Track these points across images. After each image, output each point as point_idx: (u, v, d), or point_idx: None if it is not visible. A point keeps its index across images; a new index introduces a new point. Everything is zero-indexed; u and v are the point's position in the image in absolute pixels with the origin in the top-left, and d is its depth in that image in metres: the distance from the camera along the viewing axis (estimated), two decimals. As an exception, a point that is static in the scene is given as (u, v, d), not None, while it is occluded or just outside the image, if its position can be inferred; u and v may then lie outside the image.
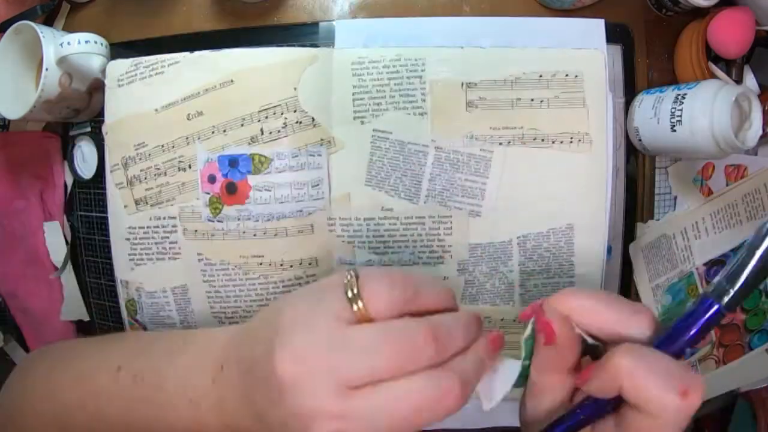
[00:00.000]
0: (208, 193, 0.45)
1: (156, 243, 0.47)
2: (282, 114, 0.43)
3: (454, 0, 0.46)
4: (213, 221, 0.45)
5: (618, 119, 0.46)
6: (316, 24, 0.47)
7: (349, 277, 0.24)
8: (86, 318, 0.56)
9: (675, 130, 0.41)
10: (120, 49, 0.48)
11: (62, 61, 0.44)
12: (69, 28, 0.51)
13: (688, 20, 0.46)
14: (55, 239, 0.54)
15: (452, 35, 0.45)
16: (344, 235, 0.45)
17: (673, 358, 0.23)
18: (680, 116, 0.40)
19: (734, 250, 0.49)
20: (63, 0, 0.51)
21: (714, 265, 0.49)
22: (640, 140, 0.45)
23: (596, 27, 0.45)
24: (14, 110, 0.45)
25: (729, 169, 0.48)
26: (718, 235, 0.49)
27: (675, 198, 0.48)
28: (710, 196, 0.48)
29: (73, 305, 0.55)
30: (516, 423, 0.52)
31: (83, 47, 0.44)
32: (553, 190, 0.44)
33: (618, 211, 0.48)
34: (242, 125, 0.44)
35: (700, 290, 0.50)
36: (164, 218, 0.46)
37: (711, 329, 0.25)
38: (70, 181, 0.54)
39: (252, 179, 0.44)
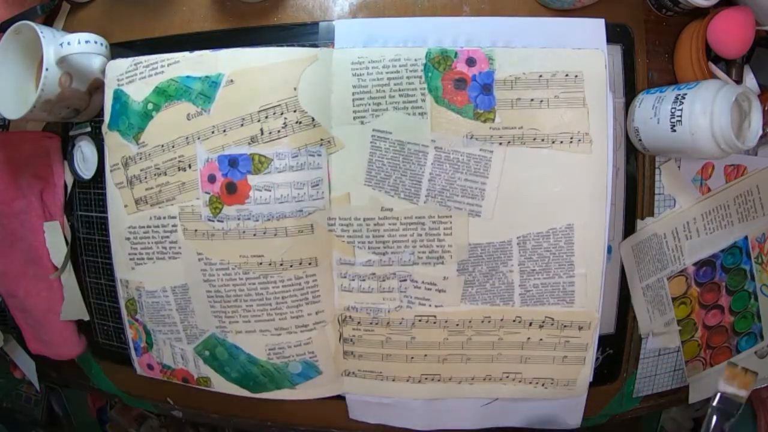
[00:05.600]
0: (208, 193, 0.45)
1: (156, 242, 0.47)
2: (282, 114, 0.43)
3: (454, 0, 0.46)
4: (213, 221, 0.45)
5: (618, 119, 0.46)
6: (316, 24, 0.47)
7: None
8: (86, 318, 0.56)
9: (675, 130, 0.41)
10: (120, 49, 0.48)
11: (62, 61, 0.44)
12: (69, 28, 0.51)
13: (688, 20, 0.46)
14: (55, 239, 0.54)
15: (452, 35, 0.45)
16: (344, 235, 0.45)
17: None
18: (680, 116, 0.40)
19: (724, 251, 0.49)
20: (63, 0, 0.51)
21: (704, 265, 0.49)
22: (640, 140, 0.45)
23: (596, 27, 0.45)
24: (14, 110, 0.45)
25: (728, 169, 0.48)
26: (710, 236, 0.49)
27: (674, 198, 0.48)
28: (702, 197, 0.48)
29: (73, 305, 0.55)
30: (514, 424, 0.53)
31: (83, 47, 0.44)
32: (552, 190, 0.44)
33: (618, 210, 0.48)
34: (242, 125, 0.44)
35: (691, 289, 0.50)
36: (164, 218, 0.46)
37: None
38: (70, 181, 0.54)
39: (252, 179, 0.44)
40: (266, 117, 0.43)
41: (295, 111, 0.43)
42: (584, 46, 0.44)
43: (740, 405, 0.43)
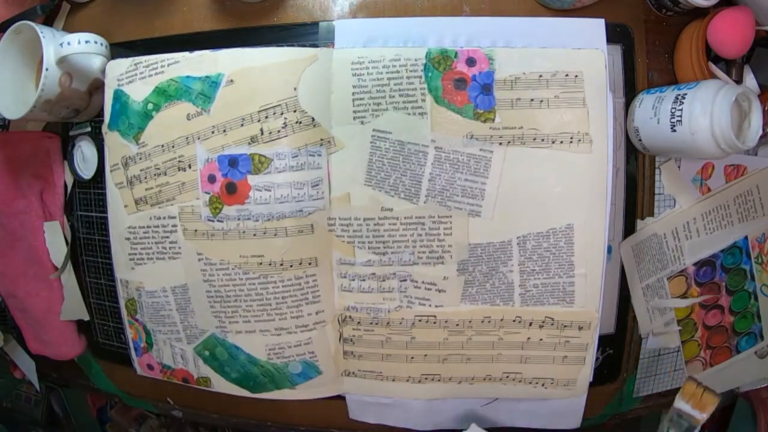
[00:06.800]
0: (208, 193, 0.45)
1: (156, 242, 0.47)
2: (282, 114, 0.43)
3: (454, 0, 0.46)
4: (213, 221, 0.45)
5: (618, 119, 0.46)
6: (315, 24, 0.47)
7: None
8: (86, 318, 0.56)
9: (675, 130, 0.41)
10: (120, 49, 0.48)
11: (62, 61, 0.44)
12: (69, 28, 0.51)
13: (688, 20, 0.46)
14: (55, 239, 0.54)
15: (452, 35, 0.45)
16: (344, 235, 0.45)
17: None
18: (680, 116, 0.40)
19: (724, 251, 0.49)
20: (63, 0, 0.51)
21: (704, 265, 0.49)
22: (640, 140, 0.45)
23: (596, 27, 0.45)
24: (14, 110, 0.45)
25: (728, 169, 0.48)
26: (710, 236, 0.49)
27: (675, 198, 0.48)
28: (702, 197, 0.48)
29: (73, 305, 0.55)
30: (514, 424, 0.53)
31: (83, 47, 0.44)
32: (552, 190, 0.44)
33: (618, 210, 0.48)
34: (242, 125, 0.44)
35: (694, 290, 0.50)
36: (164, 218, 0.46)
37: None
38: (70, 181, 0.54)
39: (252, 179, 0.44)
40: (266, 117, 0.43)
41: (295, 111, 0.43)
42: (584, 46, 0.44)
43: (693, 427, 0.39)
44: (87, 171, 0.52)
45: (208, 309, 0.47)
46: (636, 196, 0.48)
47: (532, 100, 0.44)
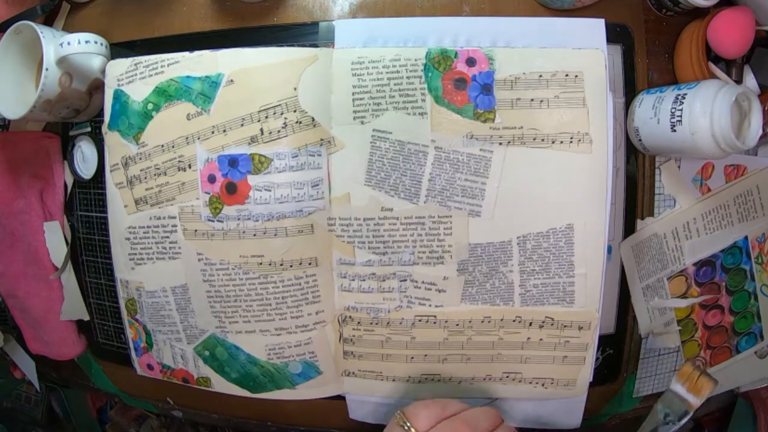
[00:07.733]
0: (208, 193, 0.45)
1: (156, 243, 0.47)
2: (282, 114, 0.43)
3: (454, 0, 0.46)
4: (213, 221, 0.45)
5: (618, 119, 0.46)
6: (315, 24, 0.47)
7: (398, 414, 0.36)
8: (86, 318, 0.56)
9: (675, 130, 0.41)
10: (120, 49, 0.48)
11: (62, 61, 0.44)
12: (69, 28, 0.51)
13: (688, 20, 0.46)
14: (55, 239, 0.54)
15: (452, 35, 0.45)
16: (344, 235, 0.45)
17: None
18: (680, 116, 0.40)
19: (724, 251, 0.49)
20: (63, 0, 0.51)
21: (704, 265, 0.49)
22: (640, 140, 0.45)
23: (596, 27, 0.45)
24: (14, 110, 0.45)
25: (728, 169, 0.48)
26: (710, 236, 0.49)
27: (675, 198, 0.48)
28: (702, 197, 0.48)
29: (73, 305, 0.55)
30: (514, 424, 0.53)
31: (83, 47, 0.44)
32: (553, 190, 0.44)
33: (618, 211, 0.48)
34: (242, 125, 0.44)
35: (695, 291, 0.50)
36: (164, 218, 0.46)
37: None
38: (70, 181, 0.54)
39: (252, 179, 0.44)
40: (266, 117, 0.43)
41: (295, 111, 0.43)
42: (584, 46, 0.44)
43: (685, 412, 0.36)
44: (87, 171, 0.52)
45: (208, 309, 0.47)
46: (636, 196, 0.48)
47: (532, 100, 0.44)
